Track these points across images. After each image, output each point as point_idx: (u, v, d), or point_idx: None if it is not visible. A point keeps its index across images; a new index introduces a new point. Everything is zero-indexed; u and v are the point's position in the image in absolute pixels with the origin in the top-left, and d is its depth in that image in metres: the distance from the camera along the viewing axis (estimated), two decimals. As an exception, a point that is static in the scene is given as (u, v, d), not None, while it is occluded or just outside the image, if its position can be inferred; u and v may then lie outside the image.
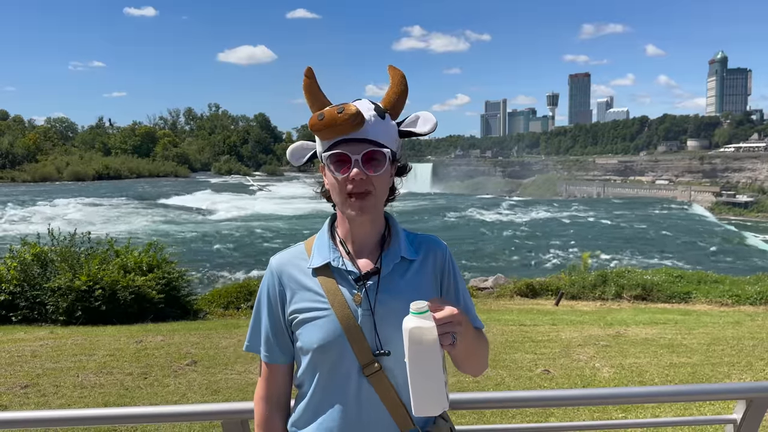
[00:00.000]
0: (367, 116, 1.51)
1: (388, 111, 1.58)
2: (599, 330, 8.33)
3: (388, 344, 1.55)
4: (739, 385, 1.99)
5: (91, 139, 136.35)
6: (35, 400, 5.32)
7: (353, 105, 1.50)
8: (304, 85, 1.57)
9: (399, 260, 1.62)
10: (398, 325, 1.48)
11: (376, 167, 1.54)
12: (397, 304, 1.54)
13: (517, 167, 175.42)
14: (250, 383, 5.73)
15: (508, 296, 13.85)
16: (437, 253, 1.67)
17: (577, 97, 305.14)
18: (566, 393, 2.25)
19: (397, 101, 1.60)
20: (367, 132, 1.52)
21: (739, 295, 12.25)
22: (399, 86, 1.61)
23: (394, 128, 1.59)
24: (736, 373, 6.10)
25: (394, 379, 1.56)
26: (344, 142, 1.52)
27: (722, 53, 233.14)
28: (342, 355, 1.56)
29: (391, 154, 1.57)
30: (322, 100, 1.57)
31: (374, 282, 1.59)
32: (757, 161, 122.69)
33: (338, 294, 1.58)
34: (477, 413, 4.60)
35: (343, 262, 1.62)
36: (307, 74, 1.57)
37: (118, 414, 2.13)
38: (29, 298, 10.00)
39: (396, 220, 1.70)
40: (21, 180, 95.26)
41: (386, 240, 1.65)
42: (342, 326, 1.55)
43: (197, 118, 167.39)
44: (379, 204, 1.61)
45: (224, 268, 29.90)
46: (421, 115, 1.59)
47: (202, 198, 71.80)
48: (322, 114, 1.50)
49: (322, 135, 1.54)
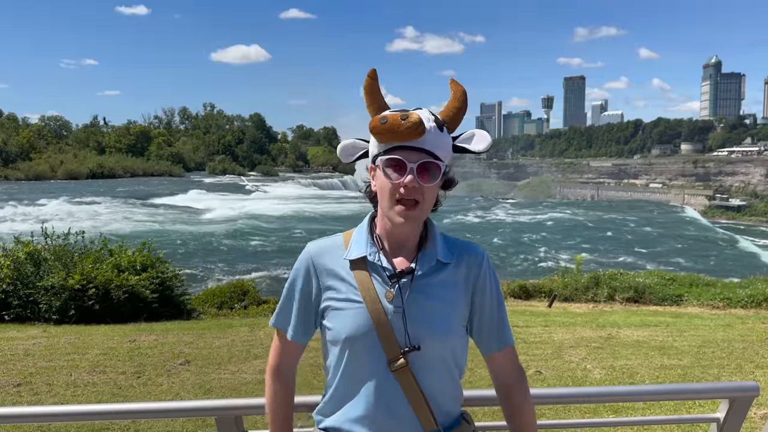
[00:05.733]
0: (427, 126, 1.53)
1: (446, 124, 1.60)
2: (591, 332, 8.39)
3: (417, 342, 1.57)
4: (722, 384, 2.04)
5: (85, 137, 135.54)
6: (28, 398, 5.33)
7: (416, 113, 1.53)
8: (365, 86, 1.60)
9: (435, 263, 1.64)
10: (428, 325, 1.55)
11: (429, 178, 1.56)
12: (429, 304, 1.59)
13: (512, 169, 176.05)
14: (243, 383, 5.75)
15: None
16: (472, 262, 1.68)
17: (571, 99, 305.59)
18: (555, 391, 2.29)
19: (455, 115, 1.62)
20: (426, 142, 1.54)
21: (731, 298, 12.34)
22: (459, 101, 1.63)
23: (449, 142, 1.61)
24: (726, 375, 6.15)
25: (420, 378, 1.58)
26: (402, 148, 1.54)
27: (716, 58, 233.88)
28: (370, 348, 1.58)
29: (444, 167, 1.59)
30: (381, 102, 1.60)
31: (408, 281, 1.60)
32: (750, 165, 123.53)
33: (371, 288, 1.60)
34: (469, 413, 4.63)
35: (379, 257, 1.63)
36: (371, 75, 1.61)
37: (113, 410, 2.16)
38: (22, 297, 9.95)
39: (434, 224, 1.72)
40: (15, 178, 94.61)
41: (424, 242, 1.67)
42: (372, 319, 1.57)
43: (192, 117, 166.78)
44: (426, 213, 1.62)
45: (218, 267, 29.83)
46: (476, 133, 1.63)
47: (197, 197, 71.48)
48: (385, 118, 1.52)
49: (382, 138, 1.55)
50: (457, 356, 1.67)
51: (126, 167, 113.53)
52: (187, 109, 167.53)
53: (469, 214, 67.22)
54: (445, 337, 1.60)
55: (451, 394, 1.68)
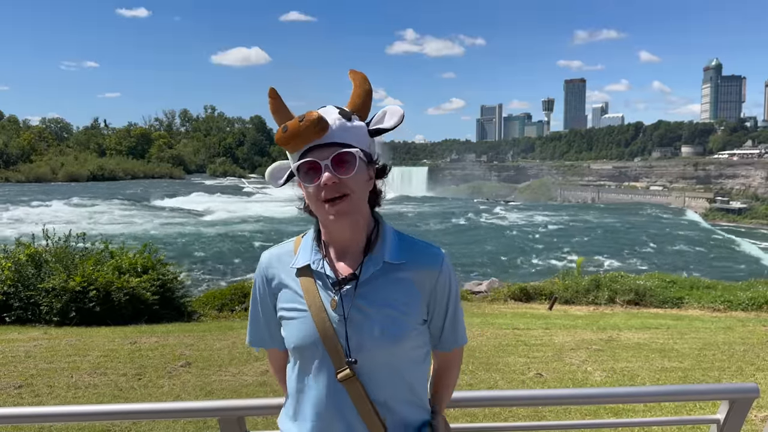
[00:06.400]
0: (330, 120, 1.49)
1: (354, 113, 1.55)
2: (592, 334, 8.38)
3: (360, 352, 1.53)
4: (722, 386, 2.04)
5: (86, 139, 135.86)
6: (29, 400, 5.33)
7: (315, 111, 1.48)
8: (270, 106, 1.54)
9: (381, 265, 1.57)
10: (370, 333, 1.50)
11: (347, 169, 1.49)
12: (373, 311, 1.54)
13: (513, 172, 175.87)
14: (244, 385, 5.76)
15: (502, 300, 13.90)
16: (429, 264, 1.61)
17: (572, 102, 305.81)
18: (556, 392, 2.29)
19: (361, 103, 1.57)
20: (333, 136, 1.49)
21: (731, 300, 12.34)
22: (362, 87, 1.58)
23: (362, 128, 1.55)
24: (727, 378, 6.15)
25: (368, 387, 1.54)
26: (312, 149, 1.49)
27: (717, 60, 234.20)
28: (317, 358, 1.56)
29: (363, 154, 1.53)
30: (289, 116, 1.52)
31: (351, 287, 1.55)
32: (751, 168, 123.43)
33: (316, 296, 1.56)
34: (469, 416, 4.64)
35: (323, 264, 1.59)
36: (271, 95, 1.54)
37: (115, 410, 2.16)
38: (23, 299, 9.97)
39: (386, 223, 1.66)
40: (15, 180, 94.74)
41: (372, 243, 1.60)
42: (317, 329, 1.54)
43: (193, 119, 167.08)
44: (359, 206, 1.55)
45: (219, 269, 29.86)
46: (387, 110, 1.58)
47: (197, 200, 71.59)
48: (285, 126, 1.48)
49: (290, 147, 1.51)
50: (413, 360, 1.60)
51: (127, 169, 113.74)
52: (187, 111, 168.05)
53: (469, 216, 67.22)
54: (391, 344, 1.54)
55: (408, 400, 1.61)
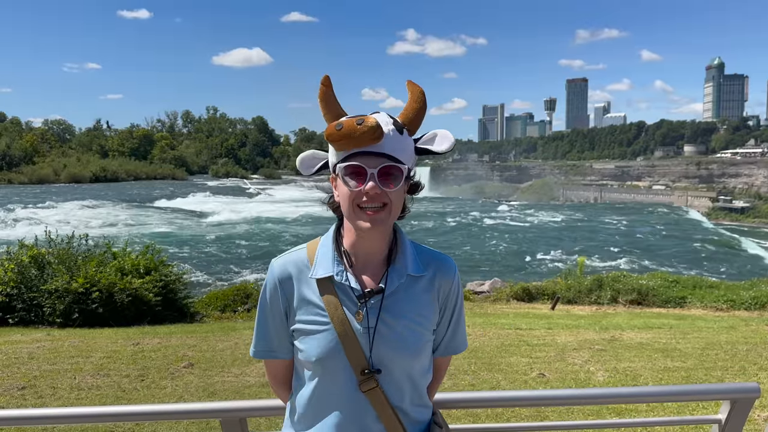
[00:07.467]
0: (385, 130, 1.48)
1: (406, 126, 1.54)
2: (594, 334, 8.38)
3: (384, 362, 1.56)
4: (723, 385, 2.04)
5: (88, 141, 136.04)
6: (32, 401, 5.34)
7: (373, 117, 1.47)
8: (320, 94, 1.53)
9: (405, 278, 1.59)
10: (394, 346, 1.53)
11: (392, 182, 1.50)
12: (399, 323, 1.57)
13: (515, 171, 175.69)
14: (247, 386, 5.76)
15: (505, 300, 13.90)
16: (445, 276, 1.65)
17: (574, 101, 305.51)
18: (558, 393, 2.29)
19: (414, 117, 1.56)
20: (385, 146, 1.48)
21: (734, 300, 12.33)
22: (417, 102, 1.56)
23: (411, 144, 1.55)
24: (729, 377, 6.14)
25: (390, 395, 1.57)
26: (361, 154, 1.48)
27: (719, 59, 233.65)
28: (340, 369, 1.56)
29: (407, 170, 1.54)
30: (337, 110, 1.53)
31: (377, 301, 1.57)
32: (754, 167, 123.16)
33: (339, 309, 1.56)
34: (472, 416, 4.64)
35: (347, 277, 1.58)
36: (324, 83, 1.53)
37: (117, 412, 2.17)
38: (26, 300, 10.00)
39: (404, 233, 1.66)
40: (18, 182, 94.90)
41: (393, 254, 1.61)
42: (341, 341, 1.54)
43: (195, 120, 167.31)
44: (392, 219, 1.56)
45: (221, 270, 29.88)
46: (438, 133, 1.57)
47: (200, 201, 71.69)
48: (340, 124, 1.46)
49: (339, 146, 1.49)
50: (425, 368, 1.67)
51: (129, 171, 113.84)
52: (189, 112, 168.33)
53: (471, 216, 67.18)
54: (413, 356, 1.59)
55: (421, 402, 1.68)
